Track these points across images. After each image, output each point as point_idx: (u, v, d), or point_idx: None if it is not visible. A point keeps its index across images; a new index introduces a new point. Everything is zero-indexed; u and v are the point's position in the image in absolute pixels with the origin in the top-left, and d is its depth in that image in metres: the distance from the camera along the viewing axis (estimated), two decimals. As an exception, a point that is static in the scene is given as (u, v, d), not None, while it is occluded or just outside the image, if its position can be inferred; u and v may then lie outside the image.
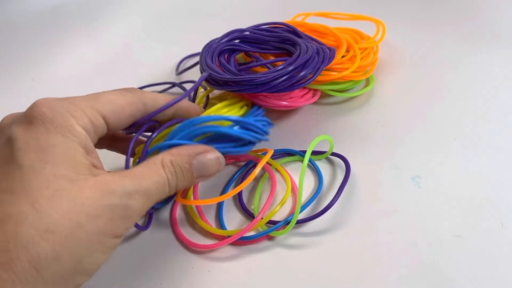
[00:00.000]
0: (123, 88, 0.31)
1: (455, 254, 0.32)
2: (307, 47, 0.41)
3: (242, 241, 0.34)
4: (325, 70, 0.41)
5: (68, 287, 0.24)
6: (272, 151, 0.37)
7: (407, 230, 0.33)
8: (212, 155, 0.31)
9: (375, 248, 0.33)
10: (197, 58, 0.56)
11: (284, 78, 0.37)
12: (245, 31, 0.46)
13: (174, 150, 0.30)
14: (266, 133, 0.36)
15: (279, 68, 0.38)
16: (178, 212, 0.37)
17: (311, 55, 0.39)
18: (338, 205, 0.35)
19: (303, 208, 0.35)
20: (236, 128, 0.34)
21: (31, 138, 0.25)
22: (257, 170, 0.34)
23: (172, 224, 0.36)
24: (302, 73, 0.38)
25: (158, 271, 0.33)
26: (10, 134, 0.26)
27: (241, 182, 0.35)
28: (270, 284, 0.32)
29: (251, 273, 0.32)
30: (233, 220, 0.36)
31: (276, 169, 0.39)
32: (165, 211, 0.38)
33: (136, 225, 0.36)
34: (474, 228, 0.33)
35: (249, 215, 0.36)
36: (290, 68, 0.37)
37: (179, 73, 0.55)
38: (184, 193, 0.38)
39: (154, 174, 0.28)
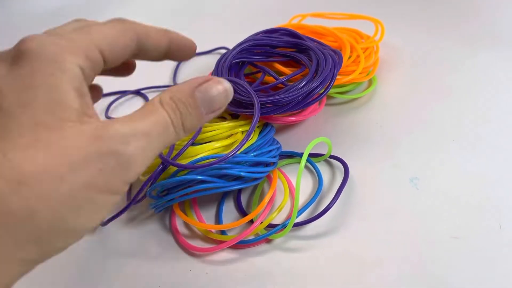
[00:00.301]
0: (111, 19, 0.28)
1: (453, 256, 0.32)
2: (324, 55, 0.40)
3: (240, 245, 0.34)
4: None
5: (50, 248, 0.21)
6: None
7: (405, 231, 0.33)
8: (216, 84, 0.26)
9: (373, 250, 0.33)
10: (195, 60, 0.56)
11: (308, 95, 0.37)
12: (249, 41, 0.45)
13: (174, 87, 0.25)
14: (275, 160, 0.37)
15: (301, 85, 0.37)
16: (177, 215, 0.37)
17: (330, 66, 0.39)
18: (337, 207, 0.35)
19: (301, 211, 0.35)
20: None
21: (14, 77, 0.22)
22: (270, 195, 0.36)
23: (172, 227, 0.36)
24: (321, 87, 0.38)
25: (156, 274, 0.33)
26: None
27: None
28: (268, 287, 0.32)
29: (249, 276, 0.32)
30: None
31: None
32: (165, 214, 0.38)
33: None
34: (473, 230, 0.33)
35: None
36: (314, 84, 0.37)
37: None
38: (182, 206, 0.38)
39: (152, 113, 0.24)
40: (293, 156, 0.40)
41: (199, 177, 0.33)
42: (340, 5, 0.58)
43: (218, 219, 0.36)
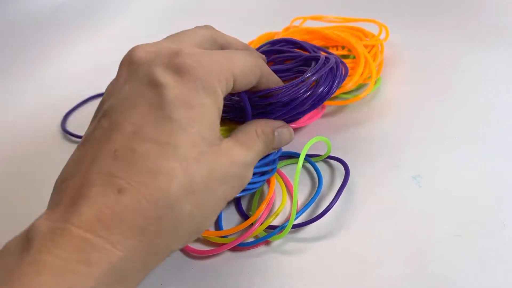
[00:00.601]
0: (245, 46, 0.34)
1: (456, 254, 0.31)
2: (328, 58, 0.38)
3: (239, 247, 0.34)
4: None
5: (186, 242, 0.26)
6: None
7: (408, 230, 0.33)
8: (287, 128, 0.33)
9: (375, 249, 0.32)
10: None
11: (308, 93, 0.34)
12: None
13: (260, 122, 0.31)
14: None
15: (298, 80, 0.34)
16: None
17: (333, 64, 0.37)
18: (338, 206, 0.35)
19: (300, 213, 0.35)
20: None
21: (181, 92, 0.25)
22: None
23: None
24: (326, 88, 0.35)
25: (158, 272, 0.33)
26: (156, 77, 0.25)
27: None
28: (269, 286, 0.32)
29: (250, 277, 0.32)
30: (232, 224, 0.36)
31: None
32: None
33: None
34: (476, 228, 0.32)
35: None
36: (314, 78, 0.35)
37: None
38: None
39: (255, 144, 0.29)
40: (292, 156, 0.40)
41: None
42: (341, 5, 0.57)
43: (218, 222, 0.36)
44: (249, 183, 0.32)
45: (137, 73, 0.26)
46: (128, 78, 0.26)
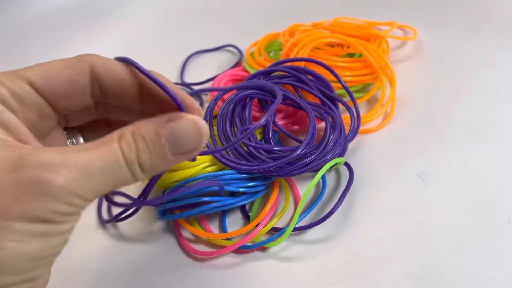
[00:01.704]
0: None
1: (462, 252, 0.31)
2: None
3: (242, 250, 0.34)
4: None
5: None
6: None
7: (413, 228, 0.33)
8: (188, 122, 0.22)
9: (381, 246, 0.32)
10: (202, 57, 0.56)
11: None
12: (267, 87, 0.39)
13: (141, 121, 0.22)
14: None
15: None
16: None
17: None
18: (343, 204, 0.35)
19: (303, 216, 0.35)
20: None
21: None
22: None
23: (176, 232, 0.36)
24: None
25: (166, 272, 0.34)
26: None
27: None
28: (275, 283, 0.32)
29: (257, 274, 0.32)
30: (236, 225, 0.36)
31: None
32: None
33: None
34: (482, 225, 0.32)
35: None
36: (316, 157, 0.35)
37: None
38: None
39: (102, 147, 0.21)
40: None
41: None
42: (341, 4, 0.57)
43: (222, 224, 0.36)
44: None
45: None
46: None
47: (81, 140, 0.27)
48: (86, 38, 0.66)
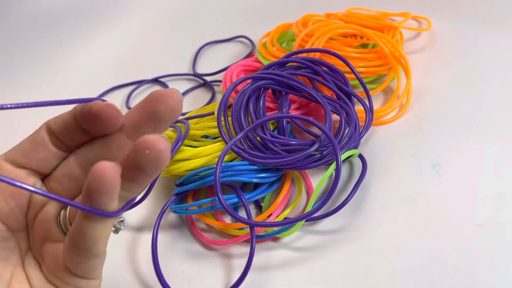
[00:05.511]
0: None
1: (477, 244, 0.31)
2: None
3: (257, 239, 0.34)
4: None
5: None
6: None
7: (427, 219, 0.33)
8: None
9: (394, 238, 0.32)
10: (216, 47, 0.56)
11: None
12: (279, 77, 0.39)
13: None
14: None
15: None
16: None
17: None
18: (356, 195, 0.35)
19: (316, 206, 0.34)
20: None
21: None
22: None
23: (188, 221, 0.37)
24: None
25: (179, 260, 0.34)
26: None
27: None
28: (287, 273, 0.32)
29: (269, 264, 0.33)
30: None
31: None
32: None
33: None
34: (495, 217, 0.32)
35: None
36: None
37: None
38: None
39: None
40: None
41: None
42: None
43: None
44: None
45: None
46: None
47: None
48: (99, 31, 0.66)
